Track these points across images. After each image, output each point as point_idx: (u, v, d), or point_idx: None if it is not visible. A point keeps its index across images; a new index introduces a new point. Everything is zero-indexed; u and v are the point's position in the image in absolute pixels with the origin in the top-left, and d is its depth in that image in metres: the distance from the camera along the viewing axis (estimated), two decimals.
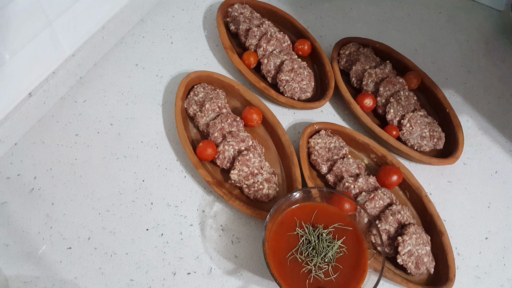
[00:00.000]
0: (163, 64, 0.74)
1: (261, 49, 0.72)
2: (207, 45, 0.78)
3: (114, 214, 0.57)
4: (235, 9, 0.77)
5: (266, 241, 0.48)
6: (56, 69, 0.65)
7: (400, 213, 0.56)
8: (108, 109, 0.67)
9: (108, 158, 0.62)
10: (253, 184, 0.58)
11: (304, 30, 0.77)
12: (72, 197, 0.58)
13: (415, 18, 0.88)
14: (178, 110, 0.64)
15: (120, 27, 0.74)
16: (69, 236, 0.55)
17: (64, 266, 0.53)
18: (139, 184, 0.60)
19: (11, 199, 0.57)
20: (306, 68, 0.70)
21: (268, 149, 0.65)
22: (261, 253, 0.56)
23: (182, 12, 0.82)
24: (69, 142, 0.63)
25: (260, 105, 0.66)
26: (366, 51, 0.74)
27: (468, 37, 0.85)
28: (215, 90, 0.67)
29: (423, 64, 0.78)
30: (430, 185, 0.64)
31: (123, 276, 0.53)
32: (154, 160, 0.63)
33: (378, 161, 0.64)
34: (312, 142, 0.63)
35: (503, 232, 0.61)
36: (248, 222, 0.59)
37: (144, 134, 0.65)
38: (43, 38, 0.60)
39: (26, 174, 0.60)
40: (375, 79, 0.70)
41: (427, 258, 0.55)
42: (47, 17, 0.59)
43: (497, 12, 0.90)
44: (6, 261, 0.53)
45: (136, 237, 0.56)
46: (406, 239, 0.54)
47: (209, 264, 0.55)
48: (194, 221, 0.58)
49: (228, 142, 0.60)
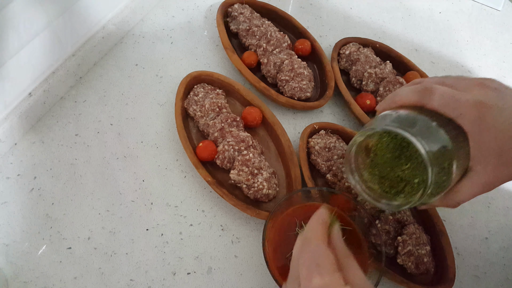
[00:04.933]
0: (163, 64, 0.74)
1: (261, 49, 0.72)
2: (207, 45, 0.78)
3: (114, 214, 0.57)
4: (235, 9, 0.77)
5: (266, 241, 0.48)
6: (56, 69, 0.65)
7: (400, 213, 0.56)
8: (108, 109, 0.67)
9: (108, 158, 0.62)
10: (253, 184, 0.58)
11: (304, 30, 0.77)
12: (72, 197, 0.58)
13: (415, 18, 0.88)
14: (178, 110, 0.64)
15: (120, 27, 0.74)
16: (69, 236, 0.55)
17: (64, 266, 0.53)
18: (139, 184, 0.60)
19: (11, 199, 0.57)
20: (306, 68, 0.70)
21: (268, 149, 0.65)
22: (261, 253, 0.56)
23: (182, 12, 0.82)
24: (69, 142, 0.63)
25: (260, 105, 0.66)
26: (366, 51, 0.74)
27: (468, 37, 0.85)
28: (215, 90, 0.67)
29: (423, 64, 0.78)
30: None
31: (123, 276, 0.53)
32: (154, 160, 0.63)
33: None
34: (312, 142, 0.63)
35: (503, 232, 0.61)
36: (248, 222, 0.59)
37: (144, 134, 0.65)
38: (43, 38, 0.60)
39: (26, 174, 0.60)
40: (375, 79, 0.70)
41: (427, 258, 0.55)
42: (47, 17, 0.59)
43: (497, 12, 0.90)
44: (6, 261, 0.53)
45: (136, 237, 0.56)
46: (406, 239, 0.54)
47: (209, 264, 0.55)
48: (194, 221, 0.58)
49: (228, 142, 0.60)
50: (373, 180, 0.45)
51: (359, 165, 0.46)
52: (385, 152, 0.43)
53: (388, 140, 0.43)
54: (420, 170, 0.41)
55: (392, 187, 0.44)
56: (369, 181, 0.46)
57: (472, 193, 0.42)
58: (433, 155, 0.37)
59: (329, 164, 0.62)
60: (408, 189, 0.43)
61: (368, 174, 0.45)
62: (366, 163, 0.45)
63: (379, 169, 0.44)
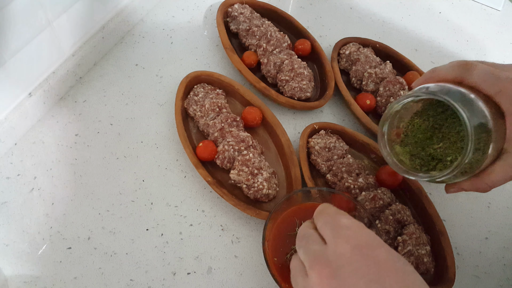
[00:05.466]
0: (163, 64, 0.74)
1: (261, 49, 0.72)
2: (207, 45, 0.78)
3: (114, 214, 0.57)
4: (235, 9, 0.77)
5: (266, 241, 0.48)
6: (56, 69, 0.65)
7: (400, 213, 0.56)
8: (108, 109, 0.67)
9: (108, 158, 0.62)
10: (253, 184, 0.58)
11: (304, 30, 0.77)
12: (72, 197, 0.58)
13: (415, 18, 0.88)
14: (178, 110, 0.64)
15: (120, 27, 0.74)
16: (69, 236, 0.55)
17: (64, 266, 0.53)
18: (139, 184, 0.60)
19: (11, 199, 0.57)
20: (306, 68, 0.70)
21: (268, 149, 0.65)
22: (261, 253, 0.56)
23: (182, 12, 0.82)
24: (69, 142, 0.63)
25: (260, 105, 0.66)
26: (366, 51, 0.74)
27: (468, 37, 0.85)
28: (215, 90, 0.67)
29: (423, 64, 0.78)
30: (430, 185, 0.64)
31: (123, 276, 0.53)
32: (154, 160, 0.63)
33: (378, 161, 0.64)
34: (312, 142, 0.63)
35: (503, 232, 0.61)
36: (248, 222, 0.59)
37: (144, 134, 0.65)
38: (43, 38, 0.60)
39: (26, 174, 0.60)
40: (375, 79, 0.70)
41: (427, 258, 0.55)
42: (47, 17, 0.59)
43: (497, 12, 0.90)
44: (6, 261, 0.53)
45: (136, 237, 0.56)
46: (406, 239, 0.54)
47: (209, 264, 0.55)
48: (194, 221, 0.58)
49: (228, 142, 0.60)
50: (405, 155, 0.45)
51: (391, 138, 0.46)
52: (417, 133, 0.44)
53: (420, 121, 0.43)
54: (453, 149, 0.41)
55: (423, 166, 0.44)
56: (401, 155, 0.46)
57: (505, 176, 0.40)
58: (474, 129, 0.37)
59: (329, 164, 0.62)
60: (440, 166, 0.42)
61: (400, 148, 0.46)
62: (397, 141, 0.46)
63: (410, 148, 0.45)
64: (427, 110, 0.45)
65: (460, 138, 0.42)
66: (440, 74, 0.42)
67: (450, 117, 0.44)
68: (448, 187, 0.44)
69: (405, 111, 0.45)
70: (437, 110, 0.45)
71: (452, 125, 0.43)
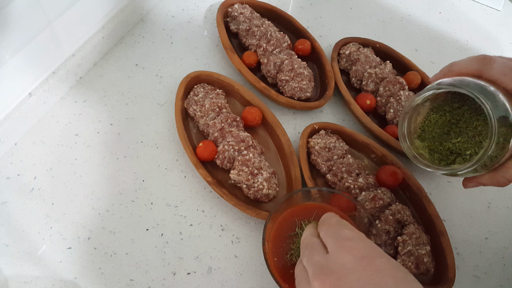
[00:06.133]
0: (163, 64, 0.74)
1: (261, 49, 0.72)
2: (207, 45, 0.78)
3: (114, 214, 0.57)
4: (235, 9, 0.77)
5: (266, 241, 0.48)
6: (56, 69, 0.65)
7: (400, 213, 0.56)
8: (108, 109, 0.67)
9: (108, 158, 0.62)
10: (253, 184, 0.58)
11: (304, 30, 0.77)
12: (72, 197, 0.58)
13: (415, 18, 0.88)
14: (178, 110, 0.64)
15: (120, 27, 0.74)
16: (69, 236, 0.55)
17: (64, 266, 0.53)
18: (139, 184, 0.60)
19: (11, 199, 0.57)
20: (306, 68, 0.70)
21: (268, 149, 0.65)
22: (261, 253, 0.56)
23: (182, 12, 0.82)
24: (69, 142, 0.63)
25: (260, 105, 0.66)
26: (366, 51, 0.74)
27: (468, 37, 0.85)
28: (215, 90, 0.67)
29: (423, 64, 0.78)
30: (430, 185, 0.64)
31: (123, 276, 0.53)
32: (154, 160, 0.63)
33: (378, 161, 0.64)
34: (312, 142, 0.63)
35: (503, 232, 0.61)
36: (248, 222, 0.59)
37: (144, 134, 0.65)
38: (43, 38, 0.60)
39: (26, 174, 0.60)
40: (375, 79, 0.70)
41: (427, 258, 0.55)
42: (47, 17, 0.59)
43: (497, 12, 0.90)
44: (6, 261, 0.53)
45: (136, 237, 0.56)
46: (406, 239, 0.54)
47: (209, 264, 0.55)
48: (194, 221, 0.58)
49: (228, 142, 0.60)
50: (424, 149, 0.46)
51: (411, 131, 0.46)
52: (434, 128, 0.44)
53: (437, 117, 0.44)
54: (471, 144, 0.41)
55: (442, 160, 0.44)
56: (420, 148, 0.46)
57: None
58: (496, 121, 0.37)
59: (329, 164, 0.62)
60: (460, 160, 0.43)
61: (419, 142, 0.46)
62: (415, 135, 0.46)
63: (428, 143, 0.45)
64: (443, 106, 0.46)
65: (478, 132, 0.42)
66: (459, 68, 0.43)
67: (467, 112, 0.44)
68: (466, 181, 0.44)
69: (417, 109, 0.46)
70: (453, 105, 0.45)
71: (470, 120, 0.43)
